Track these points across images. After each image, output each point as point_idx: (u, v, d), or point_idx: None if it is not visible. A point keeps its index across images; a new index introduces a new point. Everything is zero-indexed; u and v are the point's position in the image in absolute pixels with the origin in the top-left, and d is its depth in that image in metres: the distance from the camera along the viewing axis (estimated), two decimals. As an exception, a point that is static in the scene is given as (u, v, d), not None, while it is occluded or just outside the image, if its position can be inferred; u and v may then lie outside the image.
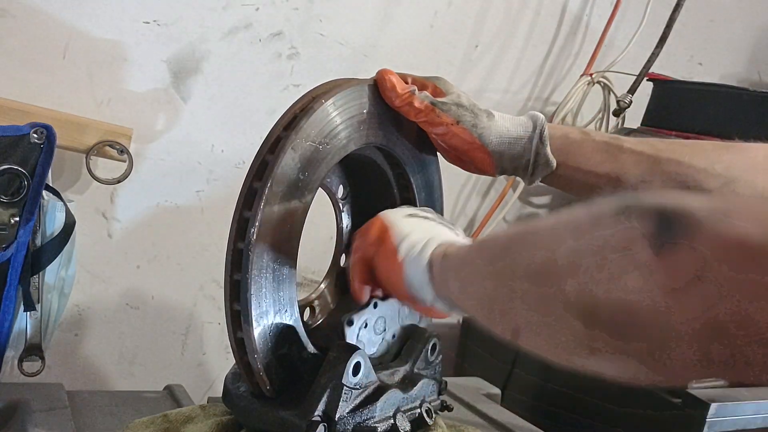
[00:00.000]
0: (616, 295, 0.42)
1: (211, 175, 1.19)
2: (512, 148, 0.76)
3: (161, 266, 1.20)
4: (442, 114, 0.74)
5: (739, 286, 0.37)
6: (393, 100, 0.73)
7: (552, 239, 0.49)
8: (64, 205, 0.97)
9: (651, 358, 0.42)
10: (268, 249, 0.64)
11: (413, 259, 0.65)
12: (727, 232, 0.38)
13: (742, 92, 1.22)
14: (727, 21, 1.66)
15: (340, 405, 0.65)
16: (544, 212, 1.58)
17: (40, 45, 1.03)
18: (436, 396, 0.79)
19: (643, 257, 0.41)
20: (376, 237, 0.69)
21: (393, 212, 0.72)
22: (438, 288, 0.63)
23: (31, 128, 0.90)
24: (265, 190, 0.63)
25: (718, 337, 0.38)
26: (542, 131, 0.76)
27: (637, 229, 0.41)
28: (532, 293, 0.49)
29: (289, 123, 0.67)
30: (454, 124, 0.75)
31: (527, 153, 0.76)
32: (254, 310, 0.63)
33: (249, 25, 1.16)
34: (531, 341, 0.52)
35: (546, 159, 0.76)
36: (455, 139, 0.76)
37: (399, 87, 0.73)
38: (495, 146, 0.76)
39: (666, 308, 0.40)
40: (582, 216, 0.47)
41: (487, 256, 0.57)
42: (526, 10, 1.42)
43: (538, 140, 0.76)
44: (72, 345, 1.17)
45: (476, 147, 0.76)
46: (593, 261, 0.44)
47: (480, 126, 0.75)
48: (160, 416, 0.74)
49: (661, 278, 0.40)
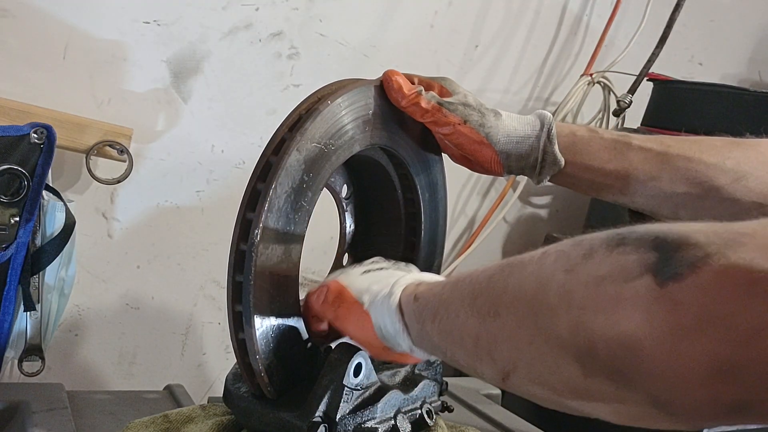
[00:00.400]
0: (615, 332, 0.38)
1: (211, 175, 1.19)
2: (519, 147, 0.76)
3: (161, 266, 1.20)
4: (449, 114, 0.74)
5: (750, 322, 0.34)
6: (400, 101, 0.73)
7: (540, 273, 0.45)
8: (64, 205, 0.97)
9: (655, 404, 0.38)
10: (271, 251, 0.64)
11: (380, 305, 0.61)
12: (736, 264, 0.35)
13: (743, 92, 1.22)
14: (727, 21, 1.66)
15: (341, 406, 0.65)
16: (545, 213, 1.58)
17: (40, 45, 1.03)
18: (437, 397, 0.79)
19: (643, 291, 0.38)
20: (334, 298, 0.66)
21: (344, 274, 0.69)
22: (414, 334, 0.59)
23: (31, 128, 0.90)
24: (269, 192, 0.63)
25: (730, 379, 0.35)
26: (550, 129, 0.76)
27: (635, 260, 0.39)
28: (521, 332, 0.45)
29: (294, 124, 0.67)
30: (461, 124, 0.74)
31: (535, 152, 0.76)
32: (256, 312, 0.63)
33: (249, 25, 1.16)
34: (522, 386, 0.48)
35: (554, 157, 0.76)
36: (462, 138, 0.75)
37: (405, 87, 0.73)
38: (502, 145, 0.76)
39: (671, 346, 0.36)
40: (571, 249, 0.44)
41: (468, 293, 0.52)
42: (526, 10, 1.42)
43: (545, 138, 0.76)
44: (72, 345, 1.17)
45: (484, 146, 0.75)
46: (587, 294, 0.40)
47: (487, 125, 0.75)
48: (161, 416, 0.74)
49: (664, 314, 0.37)
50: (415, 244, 0.83)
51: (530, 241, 1.56)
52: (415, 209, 0.82)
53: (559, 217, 1.59)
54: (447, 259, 1.47)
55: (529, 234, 1.57)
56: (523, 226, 1.56)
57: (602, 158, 0.75)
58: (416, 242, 0.83)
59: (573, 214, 1.59)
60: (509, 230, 1.55)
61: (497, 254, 1.55)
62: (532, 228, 1.57)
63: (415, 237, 0.83)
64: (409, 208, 0.83)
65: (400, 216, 0.83)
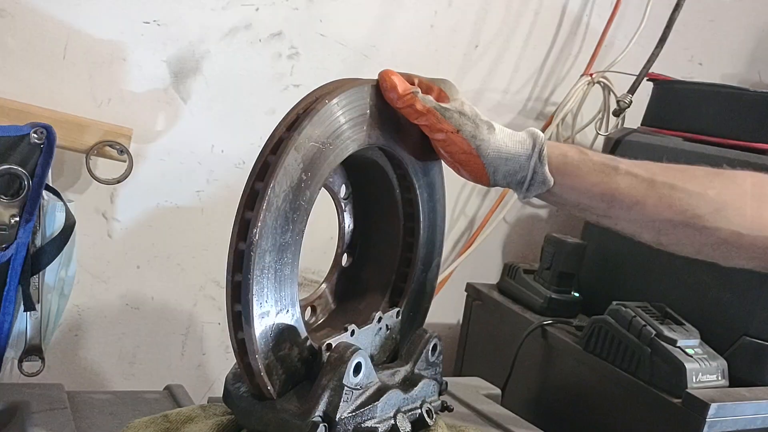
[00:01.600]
0: None
1: (211, 175, 1.20)
2: (508, 164, 0.76)
3: (161, 266, 1.20)
4: (443, 120, 0.74)
5: None
6: (394, 101, 0.73)
7: None
8: (64, 205, 0.97)
9: None
10: (270, 250, 0.64)
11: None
12: None
13: (742, 92, 1.22)
14: (727, 21, 1.66)
15: (340, 405, 0.65)
16: (545, 212, 1.58)
17: (40, 45, 1.03)
18: (437, 396, 0.79)
19: None
20: None
21: None
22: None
23: (31, 128, 0.90)
24: (267, 191, 0.63)
25: None
26: (541, 150, 0.76)
27: None
28: None
29: (291, 123, 0.67)
30: (453, 132, 0.75)
31: (523, 170, 0.77)
32: (255, 311, 0.63)
33: (249, 25, 1.16)
34: None
35: (543, 177, 0.77)
36: (453, 147, 0.76)
37: (401, 88, 0.73)
38: (491, 160, 0.76)
39: None
40: None
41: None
42: (526, 10, 1.42)
43: (536, 159, 0.76)
44: (72, 345, 1.17)
45: (473, 157, 0.76)
46: None
47: (479, 137, 0.75)
48: (160, 416, 0.74)
49: None
50: (414, 244, 0.83)
51: (530, 241, 1.56)
52: (413, 209, 0.82)
53: (558, 217, 1.59)
54: (447, 259, 1.47)
55: (529, 234, 1.57)
56: (523, 226, 1.56)
57: (589, 181, 0.76)
58: (415, 242, 0.83)
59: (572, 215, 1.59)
60: (509, 230, 1.55)
61: (497, 254, 1.55)
62: (531, 228, 1.57)
63: (414, 237, 0.83)
64: (408, 208, 0.83)
65: (398, 216, 0.83)
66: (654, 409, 1.03)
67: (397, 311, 0.80)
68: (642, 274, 1.25)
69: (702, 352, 1.05)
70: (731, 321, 1.10)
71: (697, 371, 1.01)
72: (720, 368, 1.04)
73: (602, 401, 1.12)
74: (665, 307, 1.13)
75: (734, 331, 1.10)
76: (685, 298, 1.16)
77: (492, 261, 1.54)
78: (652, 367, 1.04)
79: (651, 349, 1.04)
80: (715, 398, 0.98)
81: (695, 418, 0.97)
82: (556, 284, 1.28)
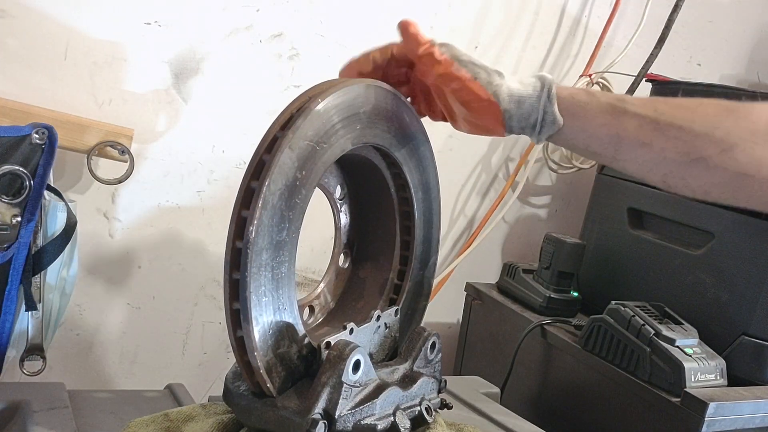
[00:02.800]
0: None
1: (211, 175, 1.20)
2: (521, 107, 0.77)
3: (162, 266, 1.21)
4: (461, 68, 0.75)
5: None
6: (415, 49, 0.74)
7: None
8: (65, 205, 0.97)
9: None
10: (267, 248, 0.64)
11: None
12: None
13: (741, 93, 1.22)
14: (726, 22, 1.66)
15: (340, 403, 0.66)
16: (544, 213, 1.58)
17: (40, 46, 1.04)
18: (436, 394, 0.79)
19: None
20: None
21: None
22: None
23: (32, 129, 0.91)
24: (263, 189, 0.63)
25: None
26: (550, 89, 0.77)
27: None
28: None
29: (285, 122, 0.67)
30: (471, 80, 0.75)
31: (535, 112, 0.77)
32: (253, 309, 0.64)
33: (250, 26, 1.17)
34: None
35: (553, 117, 0.77)
36: (471, 95, 0.76)
37: (421, 37, 0.74)
38: (506, 104, 0.77)
39: None
40: None
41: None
42: (526, 11, 1.42)
43: (546, 98, 0.77)
44: (73, 345, 1.17)
45: (489, 104, 0.76)
46: None
47: (494, 83, 0.76)
48: (161, 415, 0.75)
49: None
50: (410, 243, 0.84)
51: (529, 241, 1.57)
52: (408, 208, 0.83)
53: (558, 217, 1.59)
54: (447, 259, 1.47)
55: (528, 234, 1.57)
56: (523, 226, 1.56)
57: (597, 122, 0.76)
58: (411, 240, 0.84)
59: (572, 214, 1.60)
60: (509, 230, 1.55)
61: (497, 254, 1.56)
62: (531, 228, 1.57)
63: (410, 235, 0.84)
64: (403, 207, 0.83)
65: (394, 215, 0.83)
66: (653, 408, 1.03)
67: (395, 309, 0.80)
68: (641, 273, 1.25)
69: (701, 352, 1.05)
70: (730, 320, 1.10)
71: (695, 370, 1.02)
72: (719, 367, 1.05)
73: (601, 400, 1.12)
74: (664, 307, 1.13)
75: (733, 331, 1.10)
76: (684, 297, 1.17)
77: (491, 260, 1.55)
78: (651, 367, 1.04)
79: (650, 349, 1.05)
80: (713, 397, 0.98)
81: (694, 417, 0.98)
82: (556, 284, 1.28)
